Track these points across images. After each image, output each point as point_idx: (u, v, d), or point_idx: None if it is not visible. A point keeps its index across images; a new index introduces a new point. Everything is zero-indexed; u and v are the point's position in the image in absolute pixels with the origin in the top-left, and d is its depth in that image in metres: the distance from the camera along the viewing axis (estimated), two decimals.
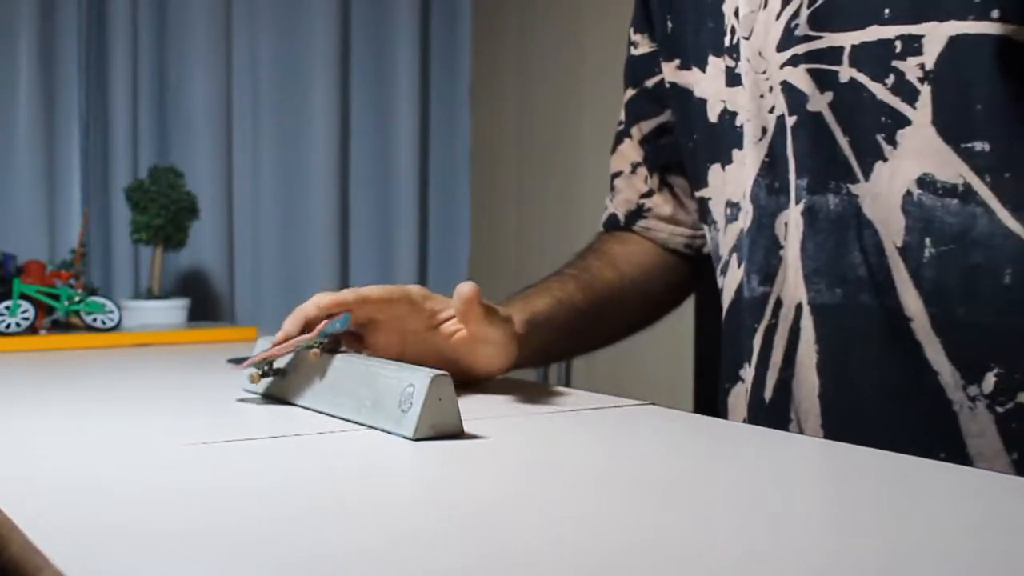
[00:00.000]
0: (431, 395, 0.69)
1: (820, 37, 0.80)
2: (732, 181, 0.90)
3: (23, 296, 1.36)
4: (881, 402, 0.79)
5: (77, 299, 1.41)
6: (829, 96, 0.80)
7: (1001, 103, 0.73)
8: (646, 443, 0.72)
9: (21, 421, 0.81)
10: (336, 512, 0.53)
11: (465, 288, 0.80)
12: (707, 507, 0.54)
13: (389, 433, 0.71)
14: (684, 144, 0.98)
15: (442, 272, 2.33)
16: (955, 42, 0.73)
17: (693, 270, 1.08)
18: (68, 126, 1.98)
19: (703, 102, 0.93)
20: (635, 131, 1.06)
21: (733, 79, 0.89)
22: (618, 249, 1.06)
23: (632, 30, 1.05)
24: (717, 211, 0.94)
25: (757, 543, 0.47)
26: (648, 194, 1.06)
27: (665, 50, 0.98)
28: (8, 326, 1.34)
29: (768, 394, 0.85)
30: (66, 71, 1.98)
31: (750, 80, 0.86)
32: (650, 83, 1.03)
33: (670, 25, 0.97)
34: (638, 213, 1.07)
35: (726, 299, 0.93)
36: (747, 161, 0.87)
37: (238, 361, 0.83)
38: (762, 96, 0.85)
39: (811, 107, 0.81)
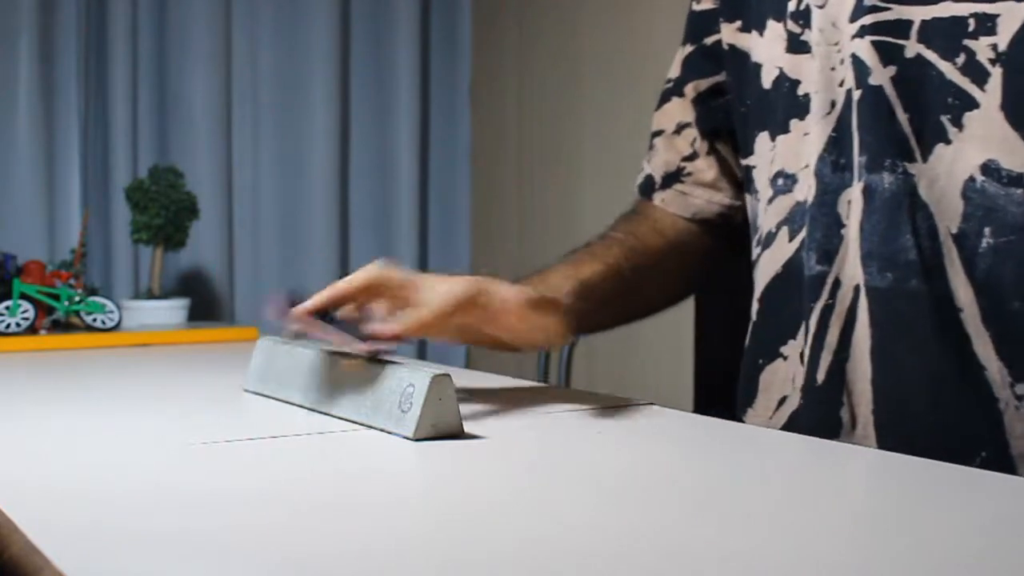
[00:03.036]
0: (431, 395, 0.69)
1: (888, 8, 0.77)
2: (787, 152, 0.87)
3: (23, 296, 1.36)
4: (927, 393, 0.76)
5: (77, 299, 1.41)
6: (892, 70, 0.77)
7: None
8: (646, 443, 0.72)
9: (21, 421, 0.81)
10: (336, 512, 0.53)
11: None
12: (706, 507, 0.54)
13: (389, 433, 0.71)
14: (736, 109, 0.94)
15: (442, 272, 2.32)
16: None
17: (721, 244, 1.02)
18: (68, 126, 1.98)
19: (758, 67, 0.89)
20: (689, 89, 1.00)
21: (797, 46, 0.85)
22: (660, 216, 1.02)
23: None
24: (761, 181, 0.90)
25: (755, 543, 0.47)
26: (691, 157, 1.00)
27: (727, 10, 0.94)
28: (8, 326, 1.34)
29: (821, 376, 0.82)
30: (66, 71, 1.97)
31: (821, 51, 0.83)
32: (709, 41, 0.98)
33: None
34: (676, 176, 1.01)
35: (768, 272, 0.89)
36: (813, 135, 0.84)
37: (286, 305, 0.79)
38: (833, 69, 0.82)
39: (873, 81, 0.78)
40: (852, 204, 0.80)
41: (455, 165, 2.35)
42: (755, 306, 0.91)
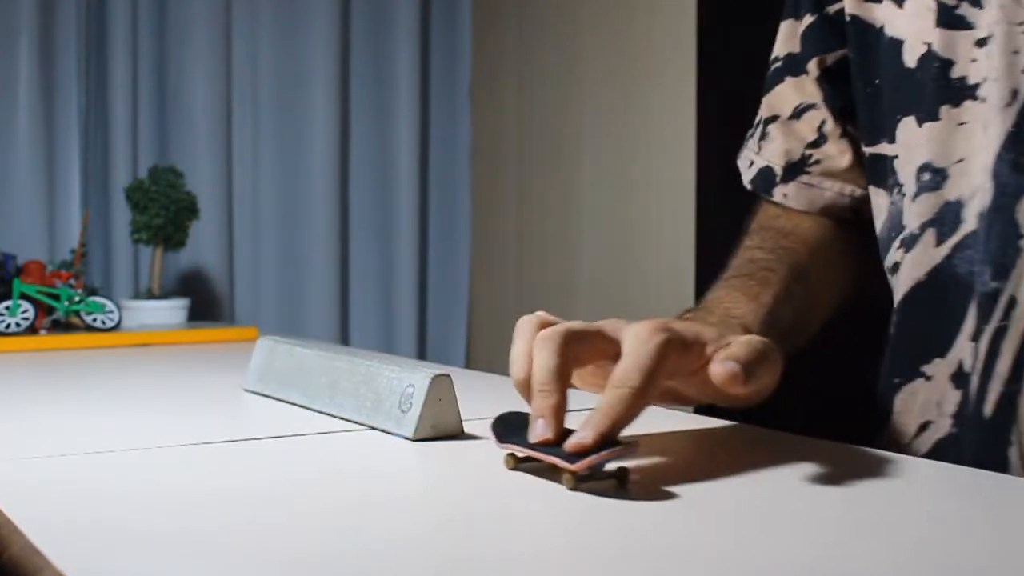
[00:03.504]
0: (431, 395, 0.70)
1: None
2: (934, 143, 0.76)
3: (23, 296, 1.36)
4: None
5: (77, 299, 1.41)
6: None
7: None
8: (645, 443, 0.72)
9: (21, 421, 0.81)
10: (336, 512, 0.53)
11: (720, 376, 0.62)
12: (704, 508, 0.54)
13: (389, 433, 0.71)
14: (859, 88, 0.84)
15: (442, 272, 2.33)
16: None
17: (860, 240, 0.89)
18: (68, 126, 1.98)
19: (897, 43, 0.79)
20: (812, 65, 0.88)
21: (951, 20, 0.75)
22: (796, 223, 0.89)
23: None
24: (906, 173, 0.79)
25: (754, 544, 0.47)
26: (817, 142, 0.88)
27: None
28: (8, 326, 1.34)
29: (989, 409, 0.72)
30: (66, 71, 1.97)
31: (1001, 31, 0.71)
32: (832, 9, 0.87)
33: None
34: (800, 166, 0.88)
35: (909, 280, 0.79)
36: (980, 127, 0.73)
37: (501, 434, 0.62)
38: (1015, 52, 0.71)
39: None
40: None
41: (455, 165, 2.35)
42: (893, 317, 0.81)
